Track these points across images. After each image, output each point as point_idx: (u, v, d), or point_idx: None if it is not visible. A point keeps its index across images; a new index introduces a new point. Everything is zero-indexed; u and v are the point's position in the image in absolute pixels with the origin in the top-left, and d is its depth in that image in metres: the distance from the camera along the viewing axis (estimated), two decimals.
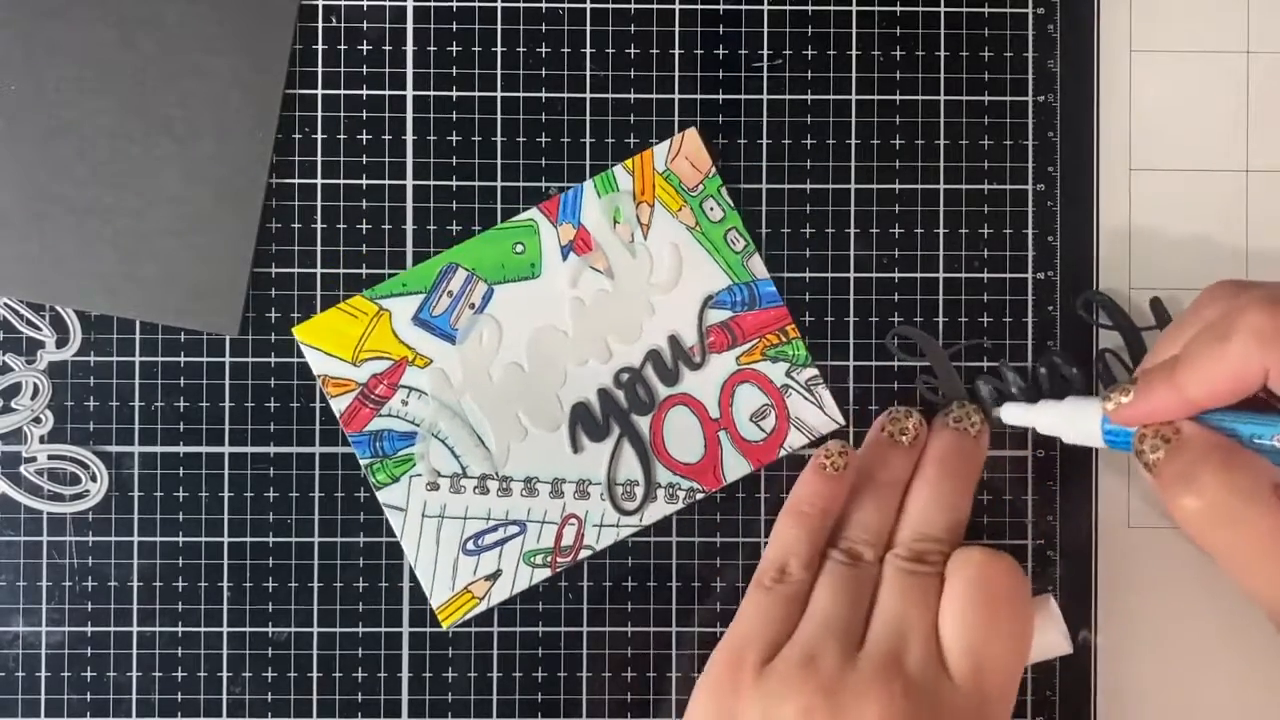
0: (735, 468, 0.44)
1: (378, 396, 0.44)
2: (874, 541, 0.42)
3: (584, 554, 0.44)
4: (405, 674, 0.44)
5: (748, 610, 0.41)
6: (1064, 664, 0.45)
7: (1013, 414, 0.43)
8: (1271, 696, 0.45)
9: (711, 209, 0.45)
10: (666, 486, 0.44)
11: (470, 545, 0.44)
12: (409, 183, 0.45)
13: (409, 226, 0.45)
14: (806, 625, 0.40)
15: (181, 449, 0.44)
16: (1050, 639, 0.42)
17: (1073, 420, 0.41)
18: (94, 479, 0.44)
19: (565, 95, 0.45)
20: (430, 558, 0.44)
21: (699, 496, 0.44)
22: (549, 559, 0.44)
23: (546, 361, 0.44)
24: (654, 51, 0.45)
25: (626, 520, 0.44)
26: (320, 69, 0.45)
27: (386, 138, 0.45)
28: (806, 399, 0.45)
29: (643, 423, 0.44)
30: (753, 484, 0.45)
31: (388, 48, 0.45)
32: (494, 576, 0.44)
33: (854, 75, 0.45)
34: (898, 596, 0.40)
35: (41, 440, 0.44)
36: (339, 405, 0.44)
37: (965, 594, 0.40)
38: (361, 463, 0.44)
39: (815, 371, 0.45)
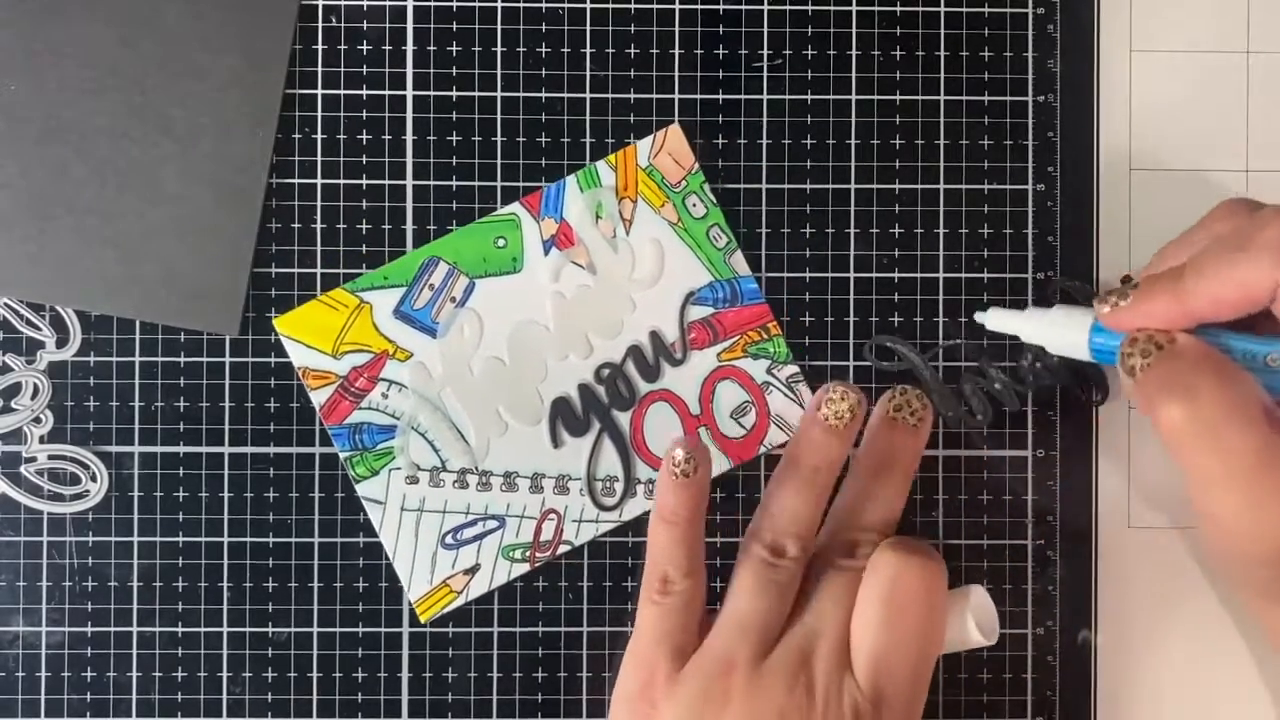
0: (715, 464, 0.44)
1: (358, 389, 0.44)
2: (801, 533, 0.42)
3: (563, 549, 0.44)
4: (405, 674, 0.44)
5: (643, 627, 0.41)
6: (1064, 664, 0.45)
7: (998, 319, 0.42)
8: (1271, 696, 0.45)
9: (694, 205, 0.45)
10: (646, 482, 0.44)
11: (449, 539, 0.44)
12: (409, 183, 0.45)
13: (409, 227, 0.45)
14: (723, 627, 0.41)
15: (181, 449, 0.44)
16: (963, 634, 0.42)
17: (1061, 328, 0.40)
18: (94, 479, 0.44)
19: (565, 95, 0.45)
20: (409, 551, 0.44)
21: None
22: (528, 554, 0.44)
23: (527, 356, 0.44)
24: (654, 51, 0.45)
25: (606, 516, 0.44)
26: (320, 69, 0.45)
27: (386, 138, 0.45)
28: (787, 396, 0.45)
29: (623, 418, 0.44)
30: (735, 481, 0.45)
31: (388, 48, 0.45)
32: (472, 571, 0.44)
33: (854, 75, 0.45)
34: (822, 594, 0.41)
35: (41, 440, 0.44)
36: (319, 398, 0.44)
37: (876, 597, 0.40)
38: (341, 456, 0.44)
39: (796, 369, 0.45)
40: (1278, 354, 0.35)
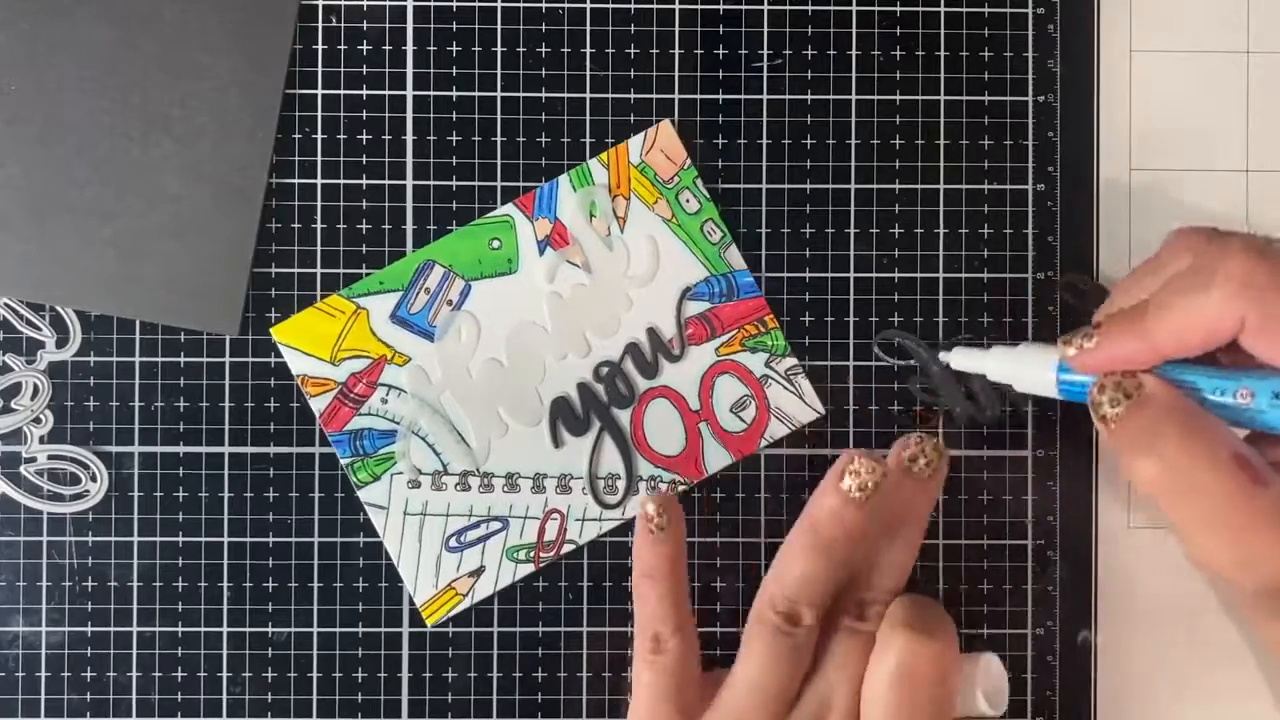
0: (716, 459, 0.44)
1: (357, 395, 0.44)
2: (817, 601, 0.40)
3: (567, 548, 0.44)
4: (405, 674, 0.45)
5: (642, 688, 0.41)
6: (1064, 664, 0.45)
7: (963, 359, 0.42)
8: (1271, 697, 0.45)
9: (687, 201, 0.45)
10: (648, 479, 0.45)
11: (453, 542, 0.44)
12: (409, 183, 0.45)
13: (409, 227, 0.45)
14: (737, 690, 0.40)
15: (181, 449, 0.44)
16: (970, 706, 0.41)
17: (1027, 366, 0.39)
18: (94, 479, 0.44)
19: (565, 95, 0.45)
20: (413, 556, 0.44)
21: (681, 488, 0.44)
22: (532, 554, 0.44)
23: (525, 357, 0.44)
24: (654, 51, 0.45)
25: (609, 514, 0.44)
26: (320, 69, 0.45)
27: (386, 138, 0.45)
28: (786, 389, 0.45)
29: (623, 416, 0.45)
30: (735, 481, 0.45)
31: (388, 48, 0.45)
32: (477, 573, 0.44)
33: (854, 75, 0.45)
34: (832, 659, 0.40)
35: (41, 440, 0.44)
36: (318, 405, 0.44)
37: (889, 676, 0.39)
38: (342, 462, 0.44)
39: (794, 361, 0.45)
40: (1247, 388, 0.35)
